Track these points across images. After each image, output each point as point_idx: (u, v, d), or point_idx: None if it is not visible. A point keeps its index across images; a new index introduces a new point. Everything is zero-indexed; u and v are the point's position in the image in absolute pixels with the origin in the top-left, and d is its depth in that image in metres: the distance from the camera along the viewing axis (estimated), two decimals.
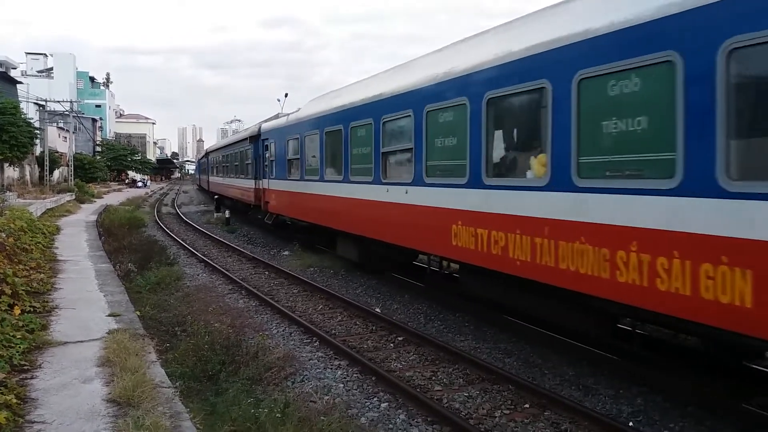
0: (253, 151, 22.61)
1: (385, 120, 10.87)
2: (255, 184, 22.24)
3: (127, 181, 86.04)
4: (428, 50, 12.29)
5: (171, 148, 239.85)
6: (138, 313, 9.49)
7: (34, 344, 7.26)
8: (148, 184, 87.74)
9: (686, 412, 6.38)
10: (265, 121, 22.77)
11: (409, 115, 9.91)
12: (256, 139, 21.95)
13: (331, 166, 13.78)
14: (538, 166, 7.02)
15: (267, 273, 15.19)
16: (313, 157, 15.00)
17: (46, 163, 46.93)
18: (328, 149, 13.93)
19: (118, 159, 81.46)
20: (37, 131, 43.04)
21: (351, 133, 12.29)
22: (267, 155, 20.12)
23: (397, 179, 10.51)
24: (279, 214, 19.10)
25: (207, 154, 46.62)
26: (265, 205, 20.42)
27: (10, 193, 30.85)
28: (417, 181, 9.72)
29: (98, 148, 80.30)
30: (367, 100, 11.67)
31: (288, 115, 18.77)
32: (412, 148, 9.88)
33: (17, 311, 8.32)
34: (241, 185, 26.10)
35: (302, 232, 17.55)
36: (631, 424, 6.12)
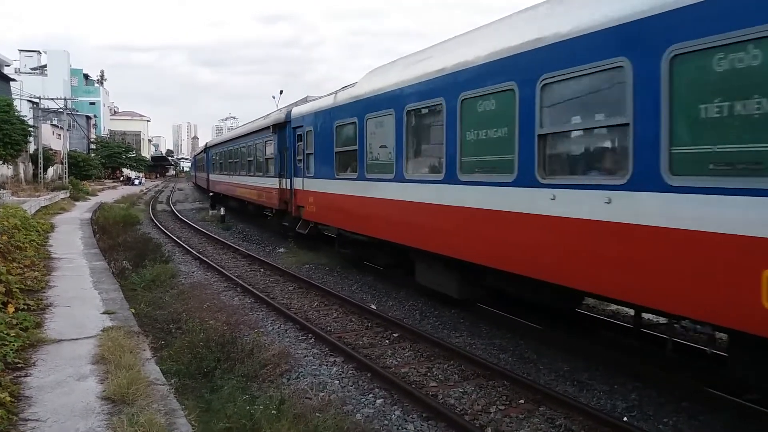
0: (277, 142, 18.36)
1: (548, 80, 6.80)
2: (279, 183, 18.12)
3: (122, 178, 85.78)
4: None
5: (166, 145, 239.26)
6: (133, 310, 9.46)
7: (28, 342, 7.23)
8: (143, 181, 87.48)
9: (680, 407, 6.41)
10: (294, 104, 18.72)
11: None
12: (282, 127, 17.95)
13: (418, 160, 10.10)
14: None
15: (262, 270, 15.17)
16: (383, 147, 11.05)
17: (40, 160, 46.72)
18: (411, 136, 9.98)
19: (112, 156, 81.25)
20: (31, 129, 42.86)
21: (463, 110, 8.34)
22: (300, 147, 15.90)
23: (585, 180, 6.45)
24: (320, 223, 14.91)
25: (206, 149, 41.02)
26: (296, 210, 16.45)
27: (4, 191, 30.70)
28: (641, 183, 5.67)
29: (93, 146, 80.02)
30: (501, 54, 7.60)
31: (335, 93, 13.74)
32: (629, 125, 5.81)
33: (11, 309, 8.28)
34: (256, 185, 21.70)
35: (356, 248, 13.44)
36: (625, 419, 6.14)
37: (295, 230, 16.61)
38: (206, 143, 43.84)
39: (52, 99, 51.81)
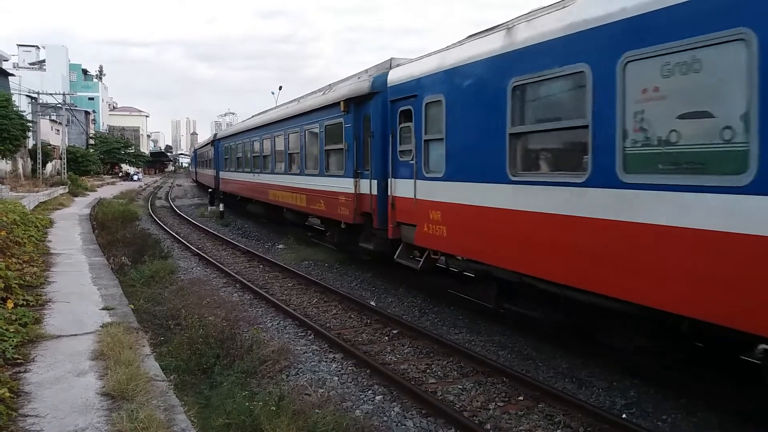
0: (353, 125, 12.48)
1: None
2: (355, 186, 12.38)
3: (120, 174, 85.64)
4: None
5: (164, 141, 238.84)
6: (132, 306, 9.46)
7: (27, 338, 7.22)
8: (141, 177, 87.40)
9: (679, 404, 6.43)
10: (381, 66, 12.25)
11: None
12: (362, 102, 12.11)
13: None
14: None
15: (261, 266, 15.17)
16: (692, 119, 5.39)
17: (39, 156, 46.63)
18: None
19: (111, 152, 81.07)
20: (30, 124, 42.75)
21: None
22: (405, 130, 10.32)
23: None
24: (452, 255, 9.77)
25: (214, 141, 33.76)
26: (394, 228, 10.74)
27: (3, 187, 30.62)
28: None
29: (91, 141, 79.83)
30: None
31: (507, 27, 7.82)
32: None
33: (10, 305, 8.27)
34: (308, 187, 15.44)
35: (550, 309, 7.80)
36: (624, 415, 6.16)
37: (394, 258, 10.84)
38: (214, 134, 36.50)
39: (51, 94, 51.69)
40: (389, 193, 10.91)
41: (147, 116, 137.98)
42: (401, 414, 6.34)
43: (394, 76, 10.82)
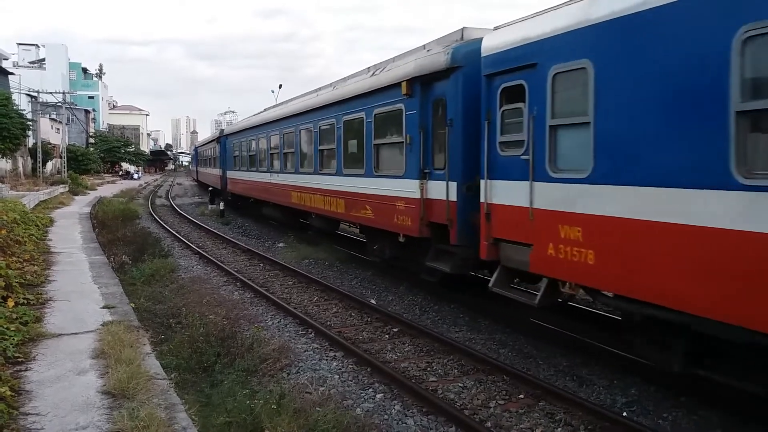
0: (418, 112, 9.78)
1: None
2: (421, 189, 9.68)
3: (120, 172, 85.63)
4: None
5: (164, 139, 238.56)
6: (132, 305, 9.47)
7: (28, 336, 7.23)
8: (141, 175, 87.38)
9: (680, 402, 6.43)
10: (456, 35, 9.59)
11: None
12: (441, 79, 9.33)
13: None
14: None
15: (262, 265, 15.17)
16: None
17: (39, 154, 46.63)
18: None
19: (111, 151, 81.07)
20: (30, 123, 42.75)
21: None
22: (509, 114, 7.84)
23: None
24: (599, 291, 6.82)
25: (220, 137, 31.00)
26: (489, 247, 8.09)
27: (3, 185, 30.62)
28: None
29: (91, 140, 79.82)
30: None
31: None
32: None
33: (11, 303, 8.28)
34: (346, 189, 12.77)
35: None
36: (625, 414, 6.16)
37: (489, 287, 8.08)
38: (220, 130, 33.85)
39: (51, 93, 51.74)
40: (484, 200, 8.10)
41: (147, 115, 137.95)
42: (402, 412, 6.34)
43: (493, 42, 8.01)
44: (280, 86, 35.66)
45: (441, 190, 9.28)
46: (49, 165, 53.37)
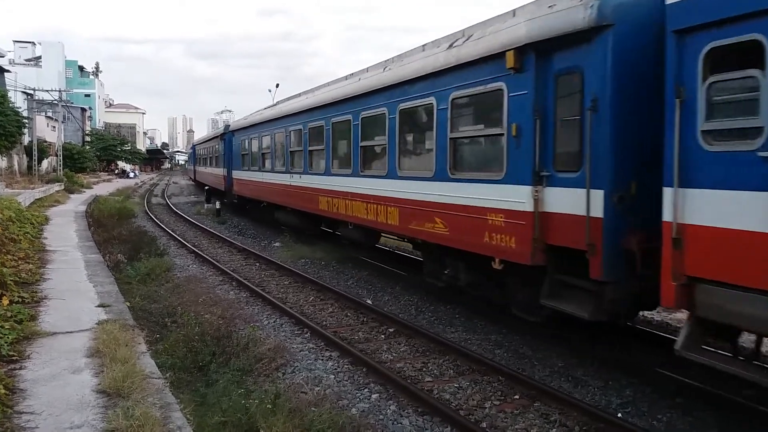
0: (533, 92, 7.25)
1: None
2: (535, 199, 7.18)
3: (116, 171, 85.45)
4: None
5: (161, 138, 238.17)
6: (128, 303, 9.45)
7: (22, 335, 7.21)
8: (137, 174, 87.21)
9: (675, 403, 6.44)
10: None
11: None
12: (575, 44, 6.71)
13: None
14: None
15: (258, 264, 15.15)
16: None
17: (35, 152, 46.47)
18: None
19: (107, 149, 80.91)
20: (26, 120, 42.66)
21: None
22: (743, 89, 5.14)
23: None
24: None
25: (225, 134, 28.05)
26: (690, 293, 5.45)
27: None
28: None
29: (87, 138, 79.64)
30: None
31: None
32: None
33: (5, 302, 8.26)
34: (404, 195, 10.25)
35: None
36: (619, 415, 6.17)
37: (677, 350, 5.59)
38: (226, 126, 30.26)
39: (47, 90, 51.50)
40: (670, 218, 5.53)
41: (143, 113, 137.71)
42: (397, 412, 6.34)
43: None
44: (277, 85, 35.56)
45: (571, 200, 6.80)
46: (45, 163, 53.24)
